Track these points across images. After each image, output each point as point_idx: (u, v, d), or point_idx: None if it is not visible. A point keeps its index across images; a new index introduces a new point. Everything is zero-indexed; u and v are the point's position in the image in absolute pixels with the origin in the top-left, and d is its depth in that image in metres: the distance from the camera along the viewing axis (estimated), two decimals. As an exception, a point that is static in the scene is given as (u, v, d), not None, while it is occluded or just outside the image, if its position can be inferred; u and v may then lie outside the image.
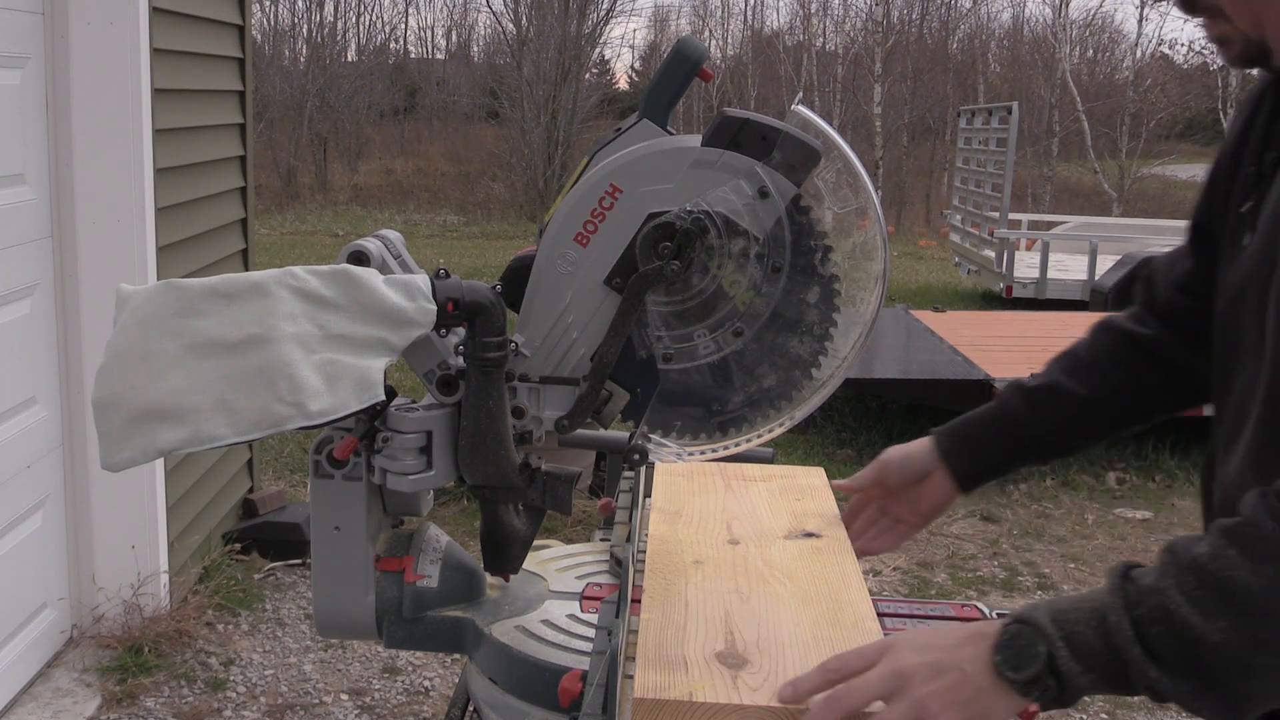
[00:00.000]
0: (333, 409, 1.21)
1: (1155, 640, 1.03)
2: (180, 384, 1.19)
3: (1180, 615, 1.02)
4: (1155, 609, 1.04)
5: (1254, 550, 1.01)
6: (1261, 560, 1.01)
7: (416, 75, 33.44)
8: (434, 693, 3.88)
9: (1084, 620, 1.08)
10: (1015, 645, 1.09)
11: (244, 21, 4.77)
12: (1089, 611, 1.08)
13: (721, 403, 1.35)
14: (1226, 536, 1.04)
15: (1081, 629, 1.07)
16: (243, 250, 4.99)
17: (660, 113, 1.31)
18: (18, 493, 3.54)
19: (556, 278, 1.31)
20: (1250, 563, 1.01)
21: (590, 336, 1.33)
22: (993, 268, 11.60)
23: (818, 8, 30.12)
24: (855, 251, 1.32)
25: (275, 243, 15.83)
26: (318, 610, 1.43)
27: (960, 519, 5.79)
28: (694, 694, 1.15)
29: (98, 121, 3.70)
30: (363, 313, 1.24)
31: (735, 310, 1.31)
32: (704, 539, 1.57)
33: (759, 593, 1.40)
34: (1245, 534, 1.03)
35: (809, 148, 1.27)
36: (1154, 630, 1.03)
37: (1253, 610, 1.00)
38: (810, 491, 1.78)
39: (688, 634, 1.28)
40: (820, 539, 1.59)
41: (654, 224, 1.27)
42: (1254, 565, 1.01)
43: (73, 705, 3.58)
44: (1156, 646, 1.03)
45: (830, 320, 1.31)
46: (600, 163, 1.30)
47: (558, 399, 1.36)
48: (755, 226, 1.27)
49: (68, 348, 3.79)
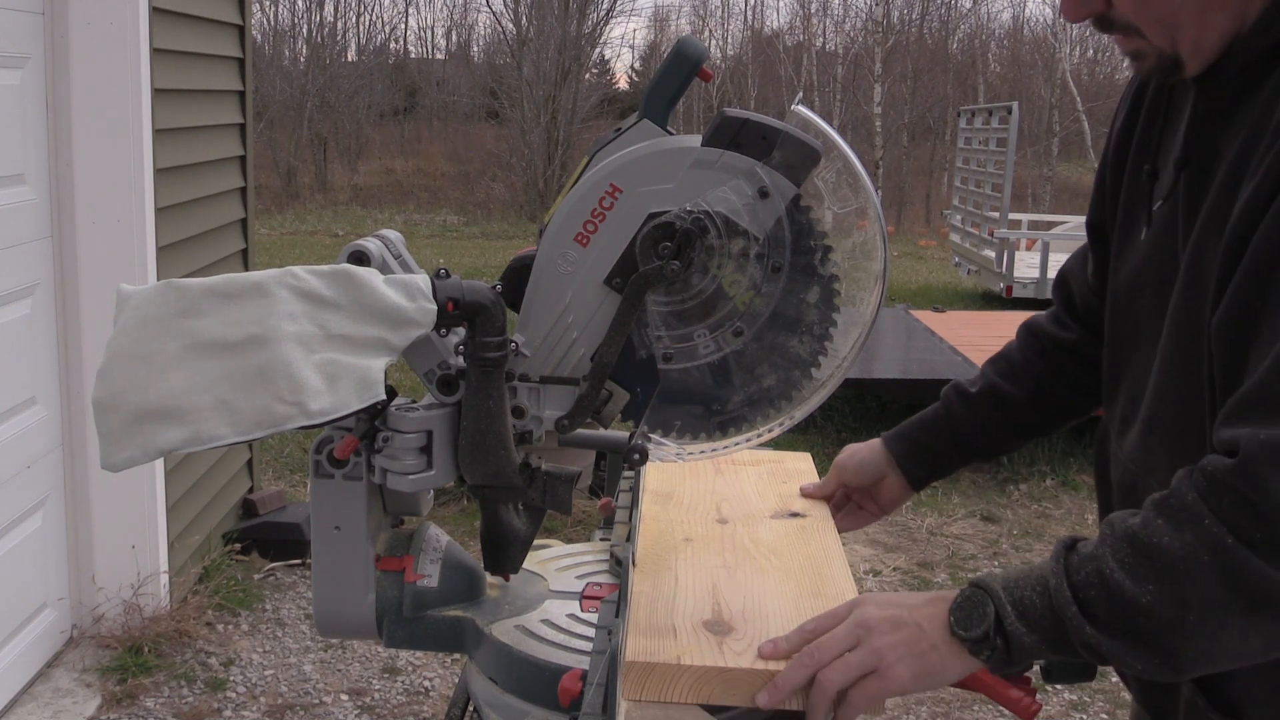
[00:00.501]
0: (333, 409, 1.21)
1: (1091, 602, 1.13)
2: (180, 384, 1.19)
3: (1114, 580, 1.12)
4: (1092, 574, 1.14)
5: (1177, 519, 1.10)
6: (1182, 527, 1.09)
7: (416, 75, 33.46)
8: (434, 693, 3.88)
9: (1030, 585, 1.18)
10: (968, 606, 1.20)
11: (244, 21, 4.77)
12: (1036, 578, 1.19)
13: (721, 402, 1.35)
14: (1156, 508, 1.13)
15: (1027, 593, 1.18)
16: (243, 250, 4.99)
17: (660, 113, 1.31)
18: (18, 493, 3.54)
19: (556, 278, 1.31)
20: (1174, 529, 1.10)
21: (590, 336, 1.33)
22: (993, 268, 11.60)
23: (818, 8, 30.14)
24: (855, 251, 1.32)
25: (275, 243, 15.83)
26: (318, 610, 1.43)
27: (960, 519, 5.79)
28: (681, 658, 1.22)
29: (98, 121, 3.70)
30: (363, 313, 1.24)
31: (735, 310, 1.31)
32: (694, 518, 1.64)
33: (745, 567, 1.47)
34: (1170, 504, 1.12)
35: (809, 148, 1.27)
36: (1090, 594, 1.13)
37: (1175, 573, 1.09)
38: (797, 475, 1.86)
39: (677, 604, 1.35)
40: (805, 519, 1.67)
41: (654, 224, 1.27)
42: (1176, 532, 1.10)
43: (73, 705, 3.58)
44: (1092, 608, 1.13)
45: (830, 320, 1.31)
46: (600, 163, 1.30)
47: (558, 399, 1.36)
48: (755, 226, 1.27)
49: (68, 348, 3.79)
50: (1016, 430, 1.73)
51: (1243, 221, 1.14)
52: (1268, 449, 1.05)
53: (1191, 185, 1.28)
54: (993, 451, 1.76)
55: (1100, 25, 1.27)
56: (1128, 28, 1.25)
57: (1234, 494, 1.07)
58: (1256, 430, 1.07)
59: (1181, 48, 1.23)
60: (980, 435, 1.71)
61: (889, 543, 5.45)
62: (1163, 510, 1.12)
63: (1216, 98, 1.26)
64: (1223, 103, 1.25)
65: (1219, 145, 1.24)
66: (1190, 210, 1.27)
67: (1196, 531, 1.08)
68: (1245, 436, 1.07)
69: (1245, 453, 1.06)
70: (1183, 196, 1.28)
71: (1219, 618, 1.08)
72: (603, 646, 1.30)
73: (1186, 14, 1.20)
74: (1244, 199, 1.14)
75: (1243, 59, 1.21)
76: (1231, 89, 1.23)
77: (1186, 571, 1.08)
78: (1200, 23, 1.20)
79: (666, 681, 1.21)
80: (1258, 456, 1.05)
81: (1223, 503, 1.07)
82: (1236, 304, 1.14)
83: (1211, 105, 1.27)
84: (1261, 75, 1.19)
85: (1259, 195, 1.12)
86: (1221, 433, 1.11)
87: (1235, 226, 1.15)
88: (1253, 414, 1.08)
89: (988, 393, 1.71)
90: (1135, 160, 1.42)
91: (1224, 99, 1.25)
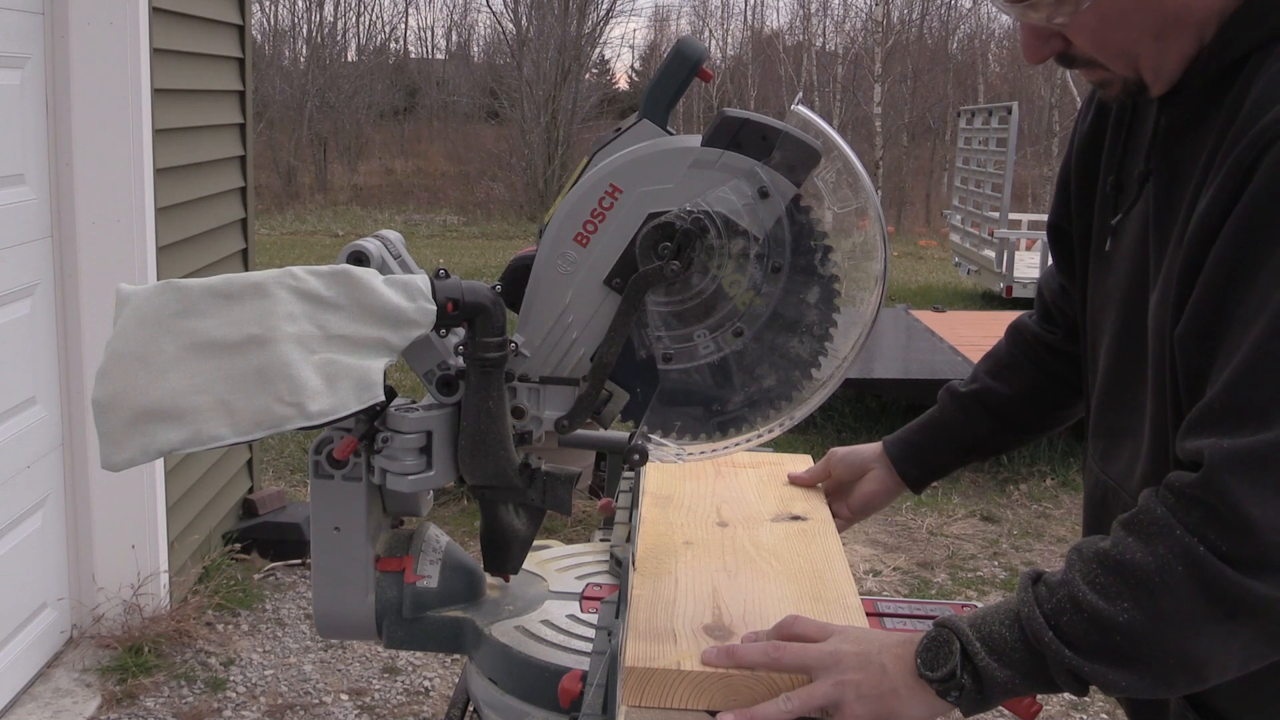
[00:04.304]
0: (333, 409, 1.21)
1: (1067, 628, 1.12)
2: (180, 384, 1.19)
3: (1087, 602, 1.11)
4: (1064, 600, 1.13)
5: (1148, 534, 1.11)
6: (1153, 541, 1.10)
7: (416, 75, 33.45)
8: (434, 693, 3.88)
9: (999, 620, 1.17)
10: (934, 646, 1.18)
11: (244, 21, 4.77)
12: (1004, 613, 1.18)
13: (721, 403, 1.35)
14: (1125, 526, 1.14)
15: (996, 628, 1.17)
16: (243, 250, 4.99)
17: (660, 113, 1.31)
18: (18, 493, 3.54)
19: (556, 278, 1.31)
20: (1145, 545, 1.10)
21: (590, 336, 1.33)
22: (993, 268, 11.59)
23: (818, 8, 30.14)
24: (855, 251, 1.32)
25: (275, 243, 15.83)
26: (318, 611, 1.43)
27: (960, 519, 5.79)
28: (681, 663, 1.21)
29: (98, 121, 3.70)
30: (363, 313, 1.24)
31: (735, 310, 1.31)
32: (694, 521, 1.63)
33: (746, 571, 1.46)
34: (1140, 520, 1.12)
35: (809, 148, 1.27)
36: (1064, 619, 1.12)
37: (1150, 586, 1.09)
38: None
39: (677, 608, 1.34)
40: (805, 522, 1.65)
41: (654, 224, 1.27)
42: (1148, 547, 1.10)
43: (73, 705, 3.58)
44: (1069, 633, 1.12)
45: (830, 320, 1.31)
46: (600, 163, 1.30)
47: (558, 399, 1.36)
48: (755, 226, 1.27)
49: (68, 348, 3.79)
50: (1009, 429, 1.74)
51: (1198, 234, 1.16)
52: (1231, 459, 1.06)
53: (1155, 199, 1.30)
54: (988, 451, 1.77)
55: (1063, 62, 1.29)
56: (1090, 62, 1.28)
57: (1201, 506, 1.08)
58: (1219, 440, 1.08)
59: (1144, 74, 1.25)
60: (973, 435, 1.72)
61: (889, 543, 5.45)
62: (1132, 528, 1.12)
63: (1179, 114, 1.28)
64: (1185, 118, 1.27)
65: (1182, 160, 1.26)
66: (1158, 224, 1.28)
67: (1168, 544, 1.09)
68: (1209, 447, 1.08)
69: (1209, 464, 1.07)
70: (1152, 210, 1.30)
71: (1196, 627, 1.08)
72: (603, 647, 1.30)
73: (1144, 45, 1.23)
74: (1199, 212, 1.16)
75: (1203, 77, 1.23)
76: (1193, 105, 1.25)
77: (1161, 584, 1.08)
78: (1159, 50, 1.23)
79: (666, 687, 1.20)
80: (1221, 467, 1.07)
81: (1191, 515, 1.08)
82: (1197, 316, 1.15)
83: (1174, 120, 1.29)
84: (1221, 91, 1.21)
85: (1214, 209, 1.14)
86: (1185, 444, 1.12)
87: (1191, 239, 1.17)
88: (1215, 425, 1.09)
89: (978, 392, 1.73)
90: (1104, 170, 1.44)
91: (1186, 114, 1.26)
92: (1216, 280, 1.13)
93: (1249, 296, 1.10)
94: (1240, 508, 1.05)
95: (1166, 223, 1.26)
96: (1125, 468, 1.37)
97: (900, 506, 5.81)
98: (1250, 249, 1.10)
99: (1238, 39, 1.19)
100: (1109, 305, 1.40)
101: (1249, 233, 1.10)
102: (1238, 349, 1.09)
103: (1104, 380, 1.42)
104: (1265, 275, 1.08)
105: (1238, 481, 1.05)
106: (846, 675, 1.18)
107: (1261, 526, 1.04)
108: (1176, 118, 1.28)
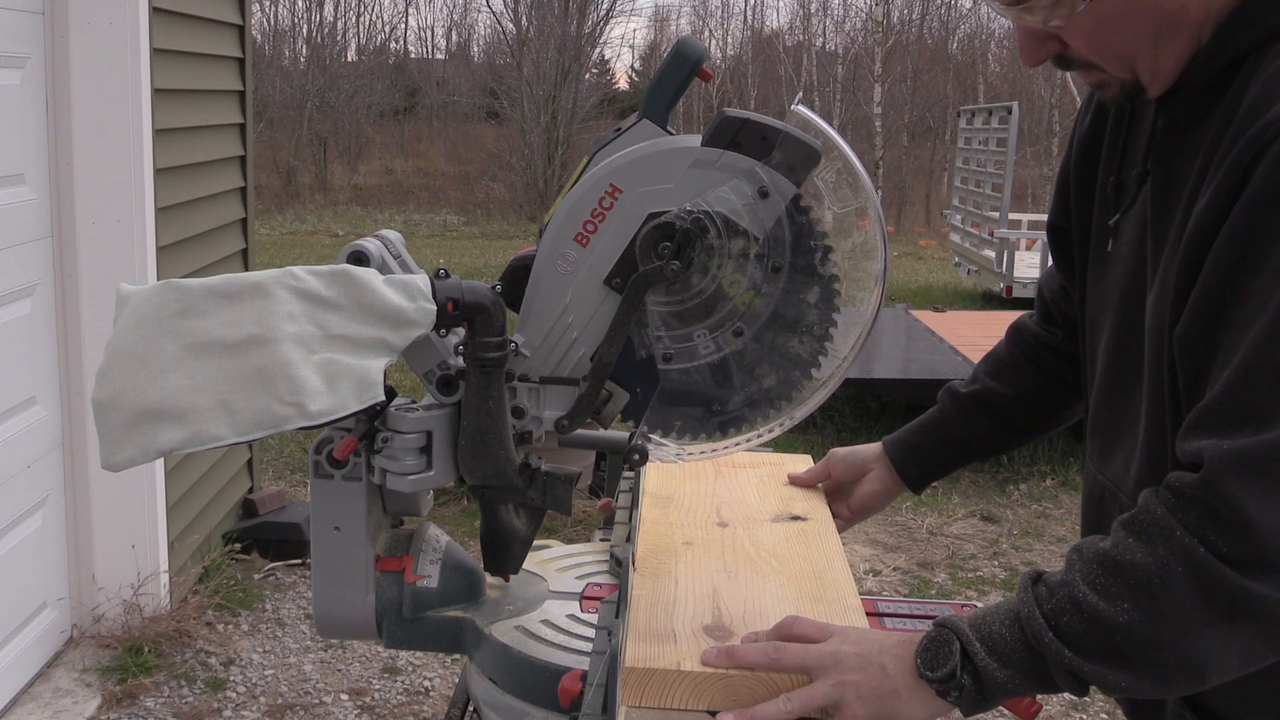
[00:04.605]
0: (333, 409, 1.21)
1: (1067, 628, 1.12)
2: (180, 384, 1.19)
3: (1088, 602, 1.11)
4: (1064, 600, 1.13)
5: (1148, 534, 1.11)
6: (1154, 542, 1.10)
7: (416, 75, 33.45)
8: (434, 693, 3.88)
9: (999, 620, 1.17)
10: (934, 646, 1.19)
11: (244, 21, 4.77)
12: (1004, 614, 1.18)
13: (721, 403, 1.35)
14: (1125, 527, 1.14)
15: (996, 628, 1.17)
16: (243, 250, 4.99)
17: (660, 113, 1.31)
18: (18, 493, 3.54)
19: (556, 278, 1.31)
20: (1145, 545, 1.10)
21: (590, 336, 1.33)
22: (993, 268, 11.59)
23: (818, 8, 30.14)
24: (855, 251, 1.32)
25: (275, 243, 15.83)
26: (318, 610, 1.43)
27: (960, 519, 5.79)
28: (681, 663, 1.21)
29: (98, 121, 3.70)
30: (363, 313, 1.24)
31: (735, 310, 1.31)
32: (694, 521, 1.63)
33: (746, 571, 1.46)
34: (1140, 521, 1.12)
35: (809, 148, 1.27)
36: (1064, 620, 1.13)
37: (1150, 587, 1.09)
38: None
39: (677, 608, 1.34)
40: (806, 522, 1.65)
41: (654, 224, 1.27)
42: (1148, 547, 1.10)
43: (73, 705, 3.58)
44: (1069, 634, 1.12)
45: (830, 320, 1.31)
46: (600, 163, 1.30)
47: (558, 399, 1.36)
48: (755, 226, 1.27)
49: (68, 348, 3.79)
50: (1010, 429, 1.74)
51: (1196, 235, 1.16)
52: (1231, 459, 1.06)
53: (1153, 200, 1.30)
54: (988, 451, 1.77)
55: (1060, 64, 1.30)
56: (1086, 65, 1.28)
57: (1201, 506, 1.08)
58: (1219, 441, 1.08)
59: (1141, 75, 1.26)
60: (973, 435, 1.72)
61: (889, 543, 5.45)
62: (1133, 528, 1.12)
63: (1176, 115, 1.28)
64: (1182, 119, 1.27)
65: (1180, 161, 1.26)
66: (1155, 225, 1.29)
67: (1168, 545, 1.09)
68: (1208, 448, 1.08)
69: (1209, 464, 1.08)
70: (1149, 210, 1.30)
71: (1196, 628, 1.08)
72: (603, 647, 1.30)
73: (1141, 47, 1.23)
74: (1197, 212, 1.16)
75: (1200, 78, 1.23)
76: (1190, 106, 1.25)
77: (1161, 584, 1.08)
78: (1155, 52, 1.23)
79: (666, 687, 1.20)
80: (1221, 467, 1.07)
81: (1191, 516, 1.08)
82: (1196, 317, 1.15)
83: (1171, 121, 1.29)
84: (1218, 92, 1.21)
85: (1212, 209, 1.14)
86: (1185, 445, 1.13)
87: (1189, 239, 1.17)
88: (1215, 425, 1.09)
89: (978, 393, 1.73)
90: (1104, 171, 1.44)
91: (1183, 115, 1.27)
92: (1215, 281, 1.13)
93: (1248, 297, 1.10)
94: (1240, 509, 1.05)
95: (1164, 223, 1.26)
96: (1121, 468, 1.37)
97: (900, 506, 5.81)
98: (1249, 249, 1.10)
99: (1234, 40, 1.20)
100: (1107, 306, 1.40)
101: (1248, 233, 1.10)
102: (1237, 350, 1.09)
103: (1101, 380, 1.42)
104: (1264, 276, 1.08)
105: (1238, 482, 1.05)
106: (846, 676, 1.18)
107: (1261, 527, 1.04)
108: (1174, 119, 1.28)
